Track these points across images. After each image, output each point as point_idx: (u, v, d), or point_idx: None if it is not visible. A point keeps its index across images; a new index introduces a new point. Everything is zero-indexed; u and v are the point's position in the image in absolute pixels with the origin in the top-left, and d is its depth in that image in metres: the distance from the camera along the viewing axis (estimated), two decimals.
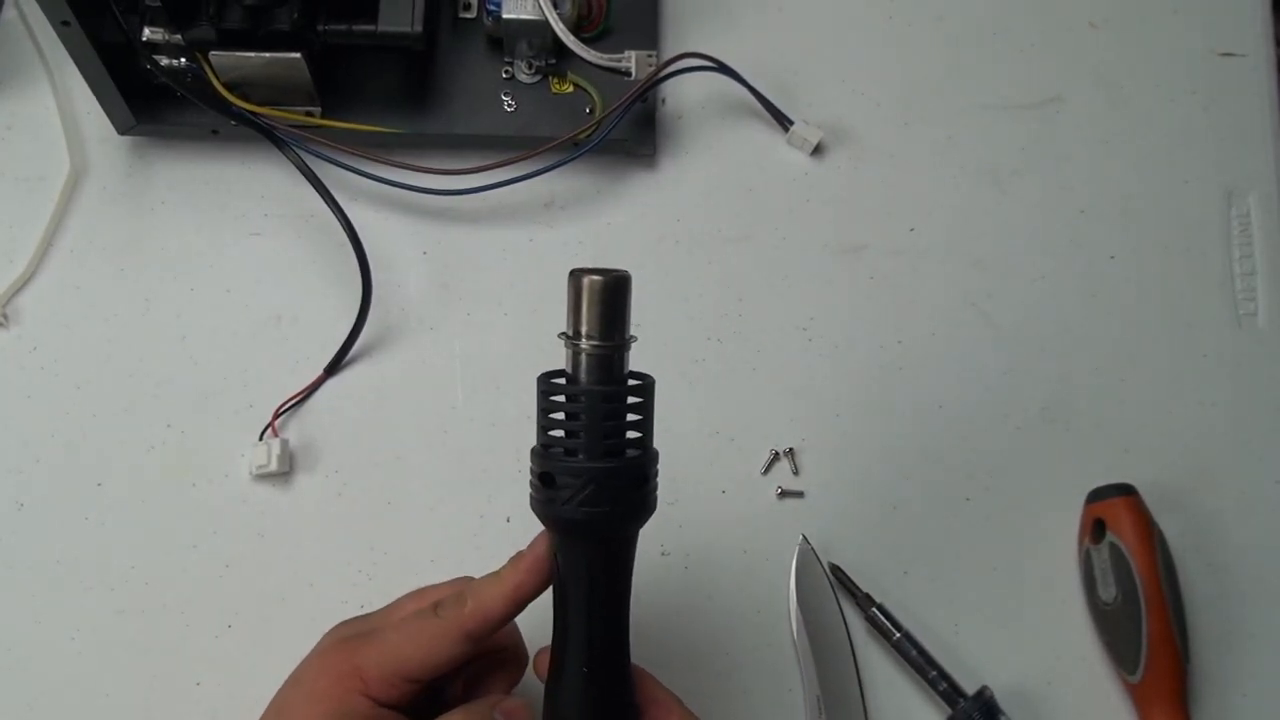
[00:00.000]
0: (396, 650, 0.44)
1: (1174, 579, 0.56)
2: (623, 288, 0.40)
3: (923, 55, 0.66)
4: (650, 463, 0.41)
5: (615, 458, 0.40)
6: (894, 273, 0.62)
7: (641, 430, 0.41)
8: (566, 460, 0.39)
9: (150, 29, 0.55)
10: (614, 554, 0.42)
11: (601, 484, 0.39)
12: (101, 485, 0.57)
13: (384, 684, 0.43)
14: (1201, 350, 0.62)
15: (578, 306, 0.39)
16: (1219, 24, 0.67)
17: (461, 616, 0.44)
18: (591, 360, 0.39)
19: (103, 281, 0.60)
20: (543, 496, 0.40)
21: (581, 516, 0.39)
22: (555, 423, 0.40)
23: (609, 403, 0.39)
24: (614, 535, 0.41)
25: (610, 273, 0.39)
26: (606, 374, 0.40)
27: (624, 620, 0.43)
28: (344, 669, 0.44)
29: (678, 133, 0.64)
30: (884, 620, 0.56)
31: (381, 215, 0.61)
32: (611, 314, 0.39)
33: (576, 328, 0.39)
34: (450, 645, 0.44)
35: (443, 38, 0.62)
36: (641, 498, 0.41)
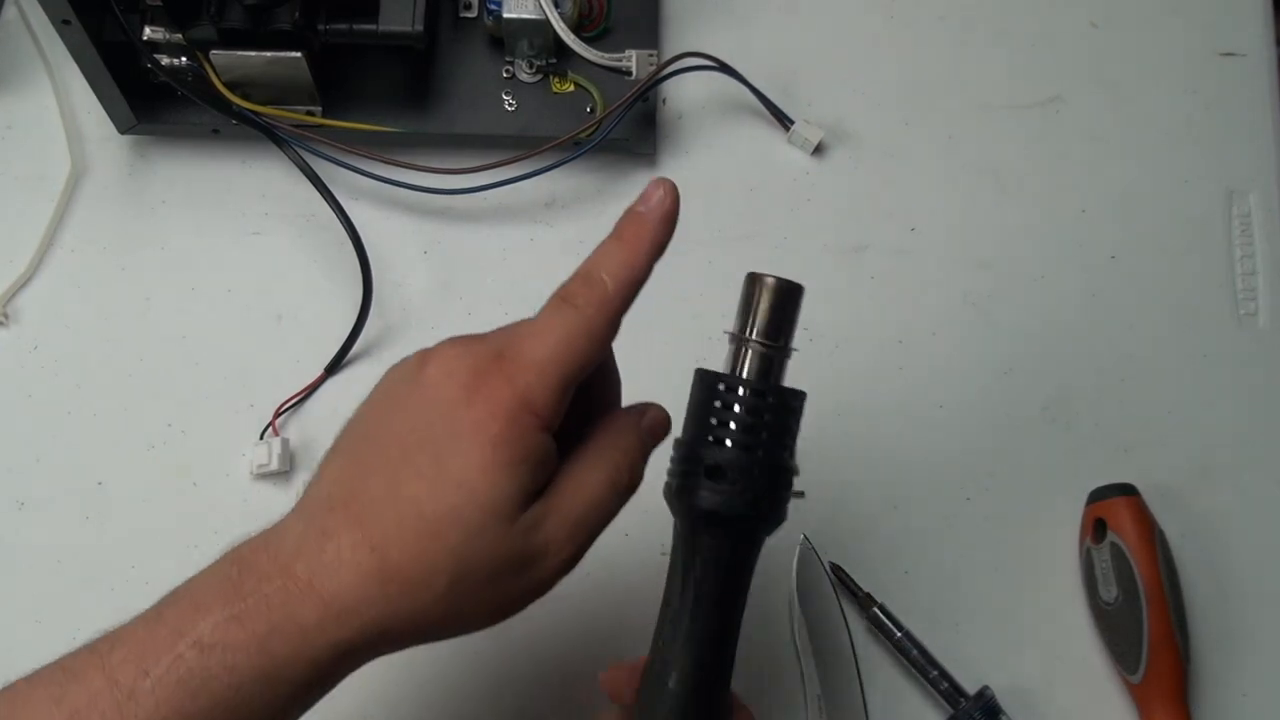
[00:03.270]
0: (555, 361, 0.38)
1: (1175, 579, 0.56)
2: (797, 295, 0.41)
3: (923, 55, 0.66)
4: (796, 472, 0.42)
5: (779, 457, 0.40)
6: (894, 273, 0.62)
7: (794, 436, 0.41)
8: (736, 453, 0.39)
9: (151, 28, 0.55)
10: (752, 561, 0.41)
11: (767, 481, 0.39)
12: (102, 485, 0.57)
13: (556, 410, 0.38)
14: (1202, 350, 0.62)
15: (752, 306, 0.40)
16: (1219, 24, 0.67)
17: (606, 297, 0.40)
18: (757, 360, 0.40)
19: (103, 281, 0.60)
20: (704, 486, 0.39)
21: (745, 509, 0.39)
22: (722, 412, 0.40)
23: (795, 406, 0.41)
24: (760, 537, 0.41)
25: (788, 279, 0.41)
26: (767, 376, 0.40)
27: (738, 624, 0.41)
28: (512, 405, 0.37)
29: (678, 132, 0.64)
30: (885, 620, 0.56)
31: (382, 214, 0.61)
32: (785, 317, 0.41)
33: (746, 327, 0.40)
34: (603, 335, 0.40)
35: (443, 37, 0.62)
36: (788, 501, 0.41)
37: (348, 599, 0.37)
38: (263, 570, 0.37)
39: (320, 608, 0.37)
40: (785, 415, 0.40)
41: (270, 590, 0.37)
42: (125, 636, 0.37)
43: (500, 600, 0.39)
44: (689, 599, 0.39)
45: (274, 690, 0.36)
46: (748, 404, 0.39)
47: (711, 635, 0.40)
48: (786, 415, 0.40)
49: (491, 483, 0.37)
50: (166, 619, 0.37)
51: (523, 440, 0.37)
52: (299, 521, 0.38)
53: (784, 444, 0.40)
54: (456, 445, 0.37)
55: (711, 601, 0.40)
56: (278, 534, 0.38)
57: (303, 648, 0.36)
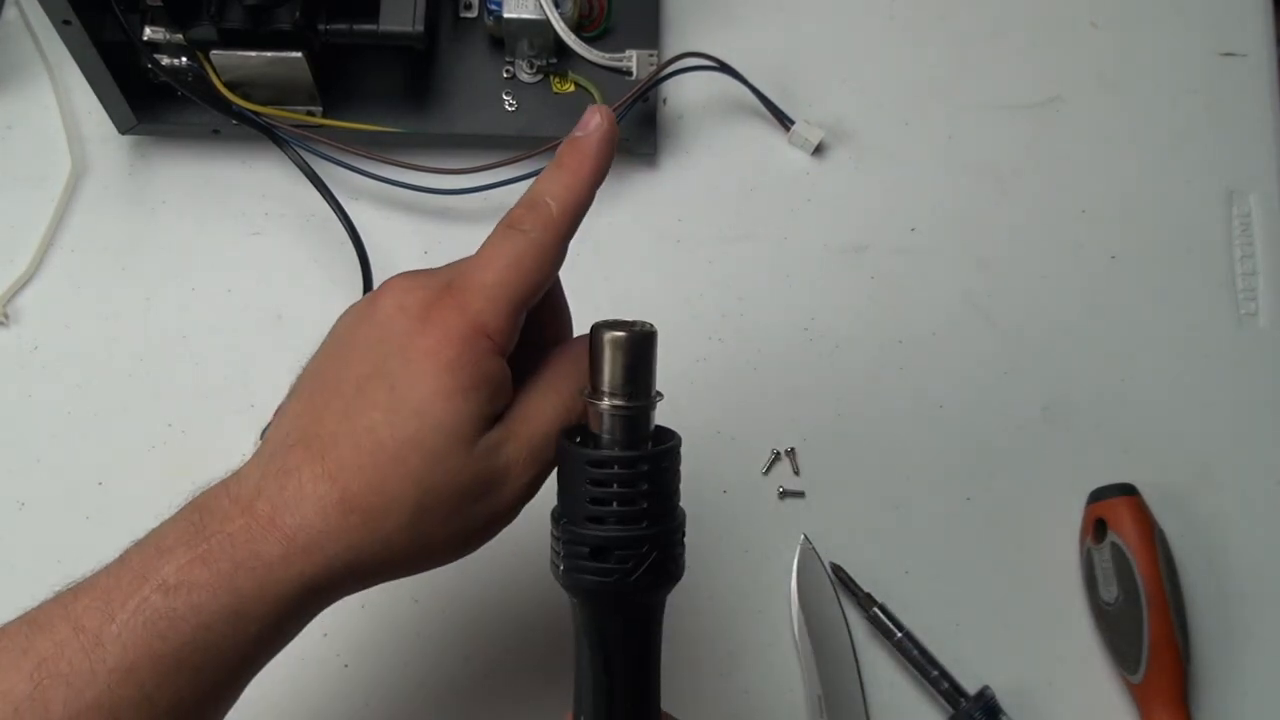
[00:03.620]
0: (504, 285, 0.39)
1: (1175, 579, 0.56)
2: (649, 343, 0.38)
3: (923, 55, 0.66)
4: (684, 522, 0.40)
5: (671, 519, 0.39)
6: (894, 273, 0.62)
7: (676, 489, 0.39)
8: (619, 529, 0.37)
9: (151, 28, 0.55)
10: (658, 618, 0.40)
11: (658, 551, 0.38)
12: (103, 484, 0.57)
13: (509, 332, 0.39)
14: (1202, 350, 0.62)
15: (601, 365, 0.38)
16: (1220, 24, 0.67)
17: (550, 219, 0.40)
18: (618, 421, 0.38)
19: (103, 281, 0.60)
20: (592, 569, 0.38)
21: (638, 586, 0.38)
22: (596, 489, 0.38)
23: (668, 464, 0.38)
24: (659, 599, 0.40)
25: (635, 327, 0.38)
26: (634, 434, 0.38)
27: (655, 688, 0.41)
28: (465, 329, 0.38)
29: (679, 132, 0.64)
30: (885, 620, 0.56)
31: (382, 214, 0.61)
32: (639, 371, 0.38)
33: (600, 386, 0.38)
34: (551, 258, 0.40)
35: (444, 37, 0.62)
36: (682, 558, 0.40)
37: (311, 532, 0.37)
38: (225, 511, 0.37)
39: (284, 542, 0.37)
40: (661, 475, 0.38)
41: (233, 529, 0.37)
42: (89, 584, 0.37)
43: (464, 528, 0.39)
44: (600, 671, 0.39)
45: (242, 629, 0.36)
46: (620, 478, 0.37)
47: (630, 701, 0.40)
48: (662, 475, 0.38)
49: (449, 407, 0.37)
50: (130, 564, 0.37)
51: (477, 364, 0.38)
52: (259, 464, 0.39)
53: (665, 504, 0.38)
54: (411, 373, 0.38)
55: (623, 669, 0.39)
56: (238, 478, 0.39)
57: (268, 583, 0.36)
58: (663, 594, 0.40)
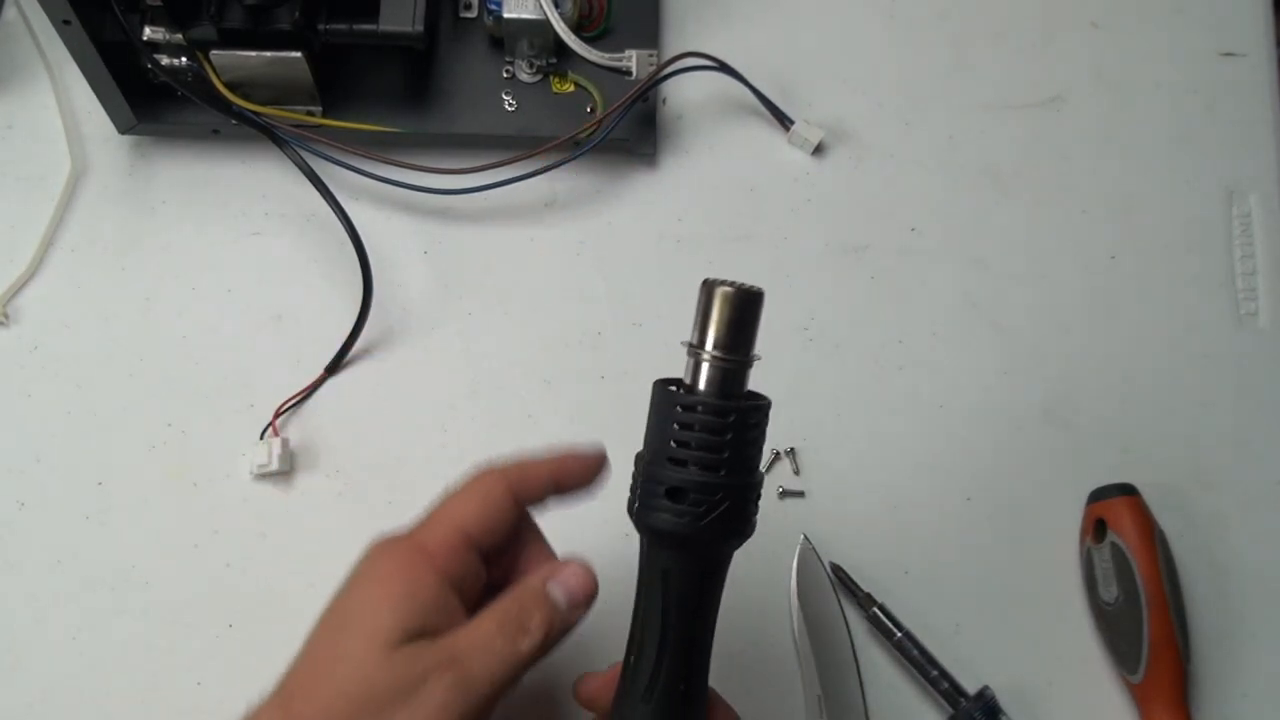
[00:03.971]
0: (448, 515, 0.43)
1: (1175, 579, 0.56)
2: (756, 302, 0.39)
3: (923, 55, 0.66)
4: (762, 483, 0.41)
5: (743, 475, 0.39)
6: (894, 273, 0.62)
7: (759, 448, 0.41)
8: (697, 474, 0.39)
9: (151, 28, 0.55)
10: (723, 571, 0.41)
11: (731, 502, 0.39)
12: (102, 485, 0.57)
13: (447, 552, 0.42)
14: (1202, 350, 0.62)
15: (708, 316, 0.39)
16: (1220, 24, 0.67)
17: (504, 471, 0.43)
18: (716, 373, 0.39)
19: (103, 281, 0.60)
20: (666, 508, 0.39)
21: (707, 532, 0.39)
22: (681, 432, 0.39)
23: (756, 421, 0.39)
24: (728, 554, 0.41)
25: (745, 286, 0.39)
26: (727, 389, 0.39)
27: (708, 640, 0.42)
28: (403, 551, 0.42)
29: (678, 132, 0.64)
30: (885, 620, 0.56)
31: (382, 215, 0.61)
32: (743, 327, 0.39)
33: (703, 338, 0.39)
34: (498, 499, 0.43)
35: (443, 37, 0.62)
36: (755, 515, 0.41)
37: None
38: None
39: None
40: (747, 430, 0.39)
41: None
42: None
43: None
44: (656, 614, 0.40)
45: None
46: (707, 424, 0.39)
47: (682, 648, 0.40)
48: (748, 430, 0.39)
49: (375, 616, 0.40)
50: None
51: (410, 577, 0.41)
52: None
53: (746, 460, 0.39)
54: (353, 590, 0.42)
55: (679, 616, 0.40)
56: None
57: None
58: (731, 547, 0.40)
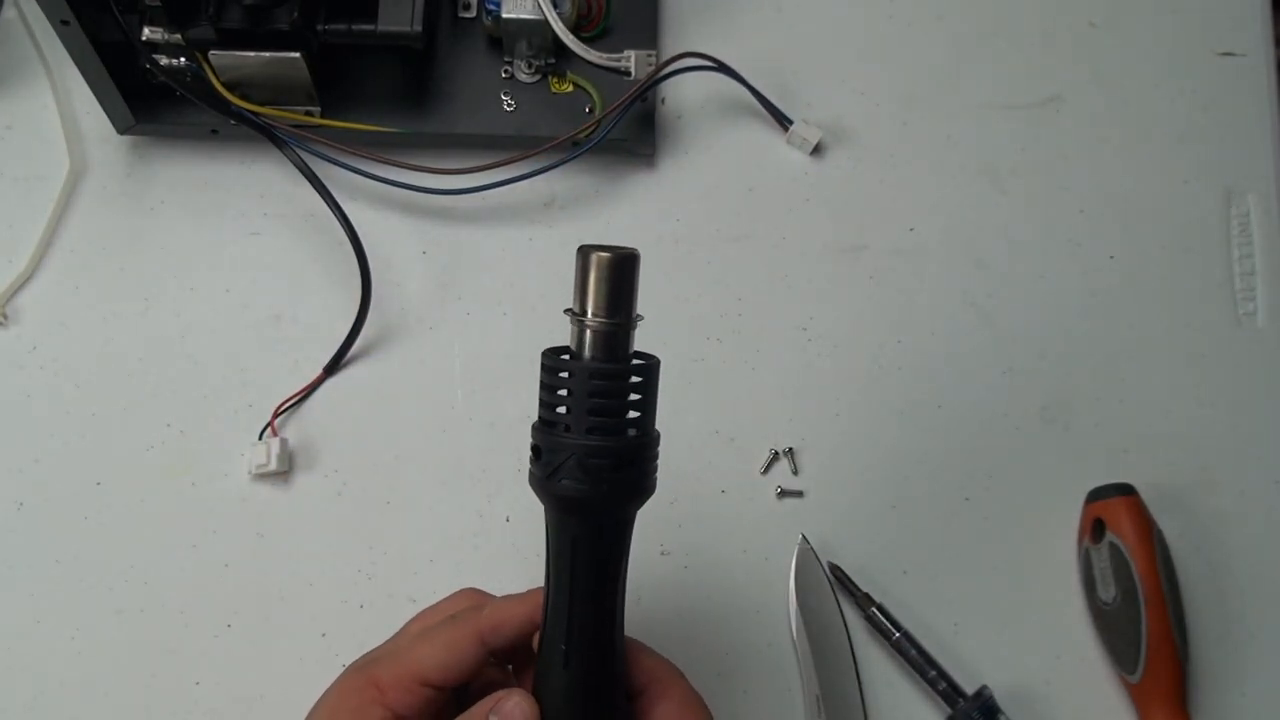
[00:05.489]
0: (409, 656, 0.43)
1: (1174, 579, 0.56)
2: (630, 265, 0.39)
3: (923, 55, 0.66)
4: (645, 445, 0.40)
5: (606, 435, 0.39)
6: (894, 273, 0.62)
7: (641, 410, 0.40)
8: (556, 435, 0.39)
9: (150, 28, 0.55)
10: (603, 532, 0.41)
11: (585, 460, 0.38)
12: (101, 485, 0.57)
13: (400, 690, 0.42)
14: (1201, 350, 0.62)
15: (584, 283, 0.39)
16: (1219, 24, 0.67)
17: (477, 621, 0.43)
18: (595, 337, 0.39)
19: (102, 281, 0.60)
20: (533, 469, 0.40)
21: (565, 491, 0.39)
22: (553, 397, 0.39)
23: (602, 379, 0.39)
24: (600, 513, 0.40)
25: (618, 250, 0.39)
26: (609, 352, 0.39)
27: (609, 600, 0.42)
28: (358, 683, 0.43)
29: (677, 132, 0.64)
30: (883, 620, 0.56)
31: (381, 215, 0.61)
32: (617, 292, 0.39)
33: (582, 304, 0.39)
34: (464, 648, 0.43)
35: (442, 37, 0.62)
36: (633, 479, 0.40)
37: None
38: None
39: None
40: (612, 388, 0.39)
41: None
42: None
43: None
44: (564, 579, 0.41)
45: None
46: (564, 384, 0.39)
47: (591, 612, 0.41)
48: (617, 387, 0.39)
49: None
50: None
51: (358, 709, 0.42)
52: None
53: (613, 418, 0.39)
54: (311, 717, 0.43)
55: (584, 577, 0.40)
56: None
57: None
58: (632, 508, 0.41)
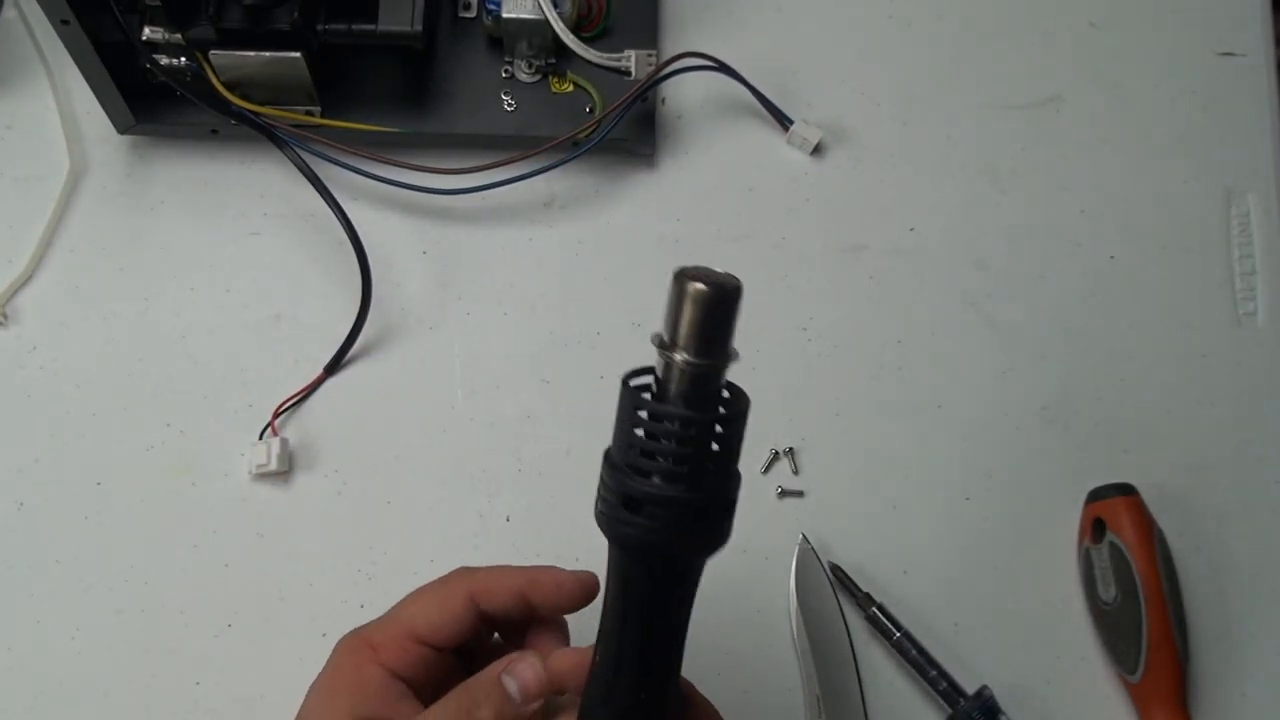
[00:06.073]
0: (400, 614, 0.44)
1: (1174, 579, 0.56)
2: (732, 300, 0.35)
3: (923, 55, 0.66)
4: (728, 493, 0.37)
5: (692, 485, 0.36)
6: (894, 273, 0.62)
7: (726, 455, 0.37)
8: (634, 478, 0.36)
9: (150, 28, 0.55)
10: (689, 581, 0.39)
11: (694, 516, 0.36)
12: (101, 485, 0.57)
13: (395, 649, 0.42)
14: (1201, 350, 0.62)
15: (678, 315, 0.34)
16: (1219, 24, 0.67)
17: (470, 580, 0.43)
18: (686, 378, 0.35)
19: (102, 281, 0.60)
20: (625, 519, 0.36)
21: (642, 537, 0.36)
22: (632, 437, 0.36)
23: (693, 428, 0.35)
24: (676, 559, 0.38)
25: (720, 281, 0.34)
26: (700, 394, 0.35)
27: (681, 649, 0.40)
28: (352, 645, 0.43)
29: (678, 132, 0.64)
30: (884, 620, 0.56)
31: (381, 215, 0.61)
32: (716, 329, 0.34)
33: (673, 337, 0.35)
34: (454, 606, 0.43)
35: (442, 37, 0.62)
36: (713, 529, 0.37)
37: None
38: None
39: None
40: (719, 438, 0.36)
41: None
42: None
43: None
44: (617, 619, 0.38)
45: None
46: (671, 433, 0.35)
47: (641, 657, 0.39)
48: (721, 437, 0.36)
49: (321, 705, 0.42)
50: None
51: (356, 668, 0.42)
52: None
53: (716, 470, 0.36)
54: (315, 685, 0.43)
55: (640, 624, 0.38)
56: None
57: None
58: (697, 560, 0.38)
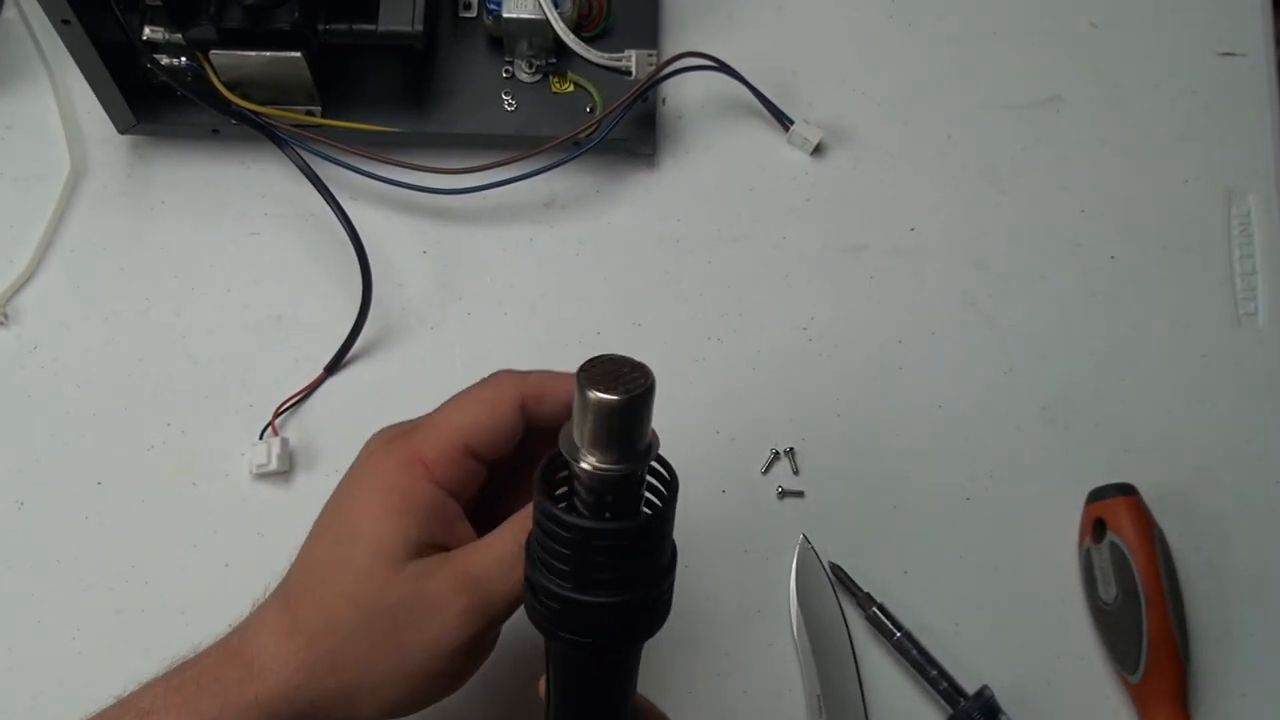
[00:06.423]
0: (451, 423, 0.41)
1: (1174, 579, 0.56)
2: (641, 404, 0.31)
3: (923, 55, 0.66)
4: (653, 590, 0.35)
5: (613, 591, 0.34)
6: (894, 273, 0.62)
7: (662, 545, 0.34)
8: (555, 582, 0.34)
9: (150, 28, 0.55)
10: (628, 664, 0.37)
11: (586, 615, 0.34)
12: (101, 484, 0.57)
13: (446, 463, 0.41)
14: (1201, 350, 0.62)
15: (584, 422, 0.31)
16: (1219, 24, 0.67)
17: (521, 382, 0.42)
18: (597, 482, 0.32)
19: (103, 281, 0.60)
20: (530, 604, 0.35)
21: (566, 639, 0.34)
22: (548, 544, 0.33)
23: (608, 540, 0.33)
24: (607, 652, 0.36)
25: (628, 384, 0.31)
26: (617, 498, 0.33)
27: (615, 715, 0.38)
28: (403, 456, 0.41)
29: (678, 132, 0.64)
30: (884, 620, 0.56)
31: (382, 214, 0.61)
32: (626, 432, 0.31)
33: (581, 441, 0.32)
34: (506, 412, 0.41)
35: (443, 37, 0.62)
36: (640, 622, 0.36)
37: (265, 656, 0.40)
38: (210, 649, 0.42)
39: (242, 667, 0.40)
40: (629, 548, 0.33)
41: (208, 660, 0.42)
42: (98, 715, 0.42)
43: (405, 660, 0.40)
44: (559, 698, 0.38)
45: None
46: (563, 542, 0.33)
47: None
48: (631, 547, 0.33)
49: (377, 527, 0.40)
50: (124, 697, 0.42)
51: (410, 489, 0.40)
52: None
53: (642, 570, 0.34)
54: (353, 498, 0.42)
55: (580, 704, 0.38)
56: None
57: (228, 706, 0.40)
58: (642, 641, 0.36)
